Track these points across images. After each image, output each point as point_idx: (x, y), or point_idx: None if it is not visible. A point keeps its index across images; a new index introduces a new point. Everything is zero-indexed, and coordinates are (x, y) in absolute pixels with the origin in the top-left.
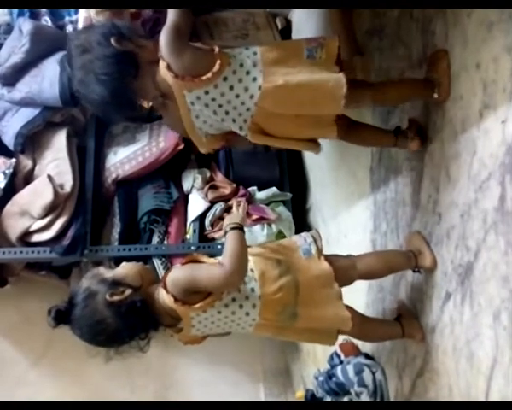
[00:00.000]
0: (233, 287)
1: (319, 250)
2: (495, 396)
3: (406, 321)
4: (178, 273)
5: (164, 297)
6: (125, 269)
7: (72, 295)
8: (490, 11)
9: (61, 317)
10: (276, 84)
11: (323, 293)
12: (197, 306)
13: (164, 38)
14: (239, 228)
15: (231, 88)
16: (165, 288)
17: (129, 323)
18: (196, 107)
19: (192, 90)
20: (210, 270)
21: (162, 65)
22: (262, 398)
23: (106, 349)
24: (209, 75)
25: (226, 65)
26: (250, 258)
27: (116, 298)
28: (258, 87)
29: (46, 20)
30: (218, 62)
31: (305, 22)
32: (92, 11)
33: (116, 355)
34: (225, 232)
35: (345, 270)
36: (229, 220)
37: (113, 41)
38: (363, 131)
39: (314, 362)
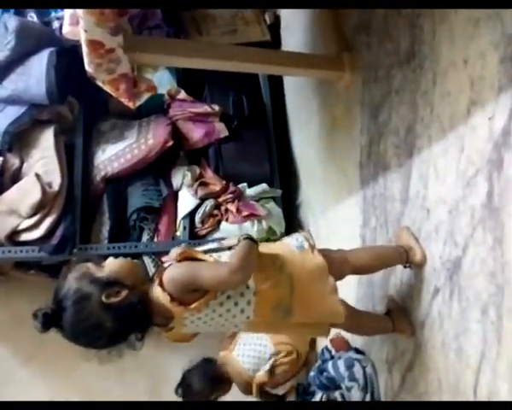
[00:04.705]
0: (236, 285)
1: (311, 246)
2: (483, 390)
3: (396, 316)
4: (178, 270)
5: (159, 295)
6: (117, 266)
7: (60, 297)
8: None
9: (50, 321)
10: None
11: (318, 287)
12: (193, 306)
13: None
14: (253, 240)
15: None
16: (162, 285)
17: (128, 324)
18: None
19: None
20: (214, 268)
21: None
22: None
23: (99, 351)
24: None
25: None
26: None
27: (113, 300)
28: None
29: (32, 17)
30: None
31: (293, 17)
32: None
33: (112, 357)
34: (238, 241)
35: (337, 264)
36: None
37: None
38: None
39: None
